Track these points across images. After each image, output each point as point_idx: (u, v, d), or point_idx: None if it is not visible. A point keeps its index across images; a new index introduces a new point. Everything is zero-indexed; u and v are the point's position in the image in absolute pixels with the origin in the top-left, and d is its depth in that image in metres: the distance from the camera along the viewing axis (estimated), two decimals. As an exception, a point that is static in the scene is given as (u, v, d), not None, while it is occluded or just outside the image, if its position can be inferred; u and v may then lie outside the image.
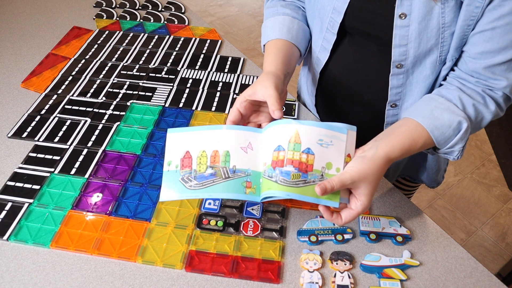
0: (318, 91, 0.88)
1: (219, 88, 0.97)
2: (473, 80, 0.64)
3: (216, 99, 0.94)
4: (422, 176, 0.92)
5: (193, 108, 0.91)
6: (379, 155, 0.59)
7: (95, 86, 0.96)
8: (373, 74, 0.74)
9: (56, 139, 0.83)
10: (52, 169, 0.77)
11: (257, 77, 1.00)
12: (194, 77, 1.00)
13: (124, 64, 1.03)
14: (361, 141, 0.64)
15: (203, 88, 0.97)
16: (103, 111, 0.90)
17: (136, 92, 0.94)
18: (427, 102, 0.65)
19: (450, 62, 0.65)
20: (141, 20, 1.20)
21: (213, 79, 0.99)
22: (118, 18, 1.21)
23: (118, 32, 1.14)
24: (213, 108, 0.91)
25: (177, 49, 1.09)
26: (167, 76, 1.00)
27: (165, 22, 1.19)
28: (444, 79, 0.68)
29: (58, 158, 0.79)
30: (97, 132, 0.85)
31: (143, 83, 0.97)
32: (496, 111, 0.65)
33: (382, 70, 0.70)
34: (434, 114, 0.62)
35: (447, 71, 0.67)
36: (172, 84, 0.97)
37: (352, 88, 0.79)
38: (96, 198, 0.73)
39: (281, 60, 0.71)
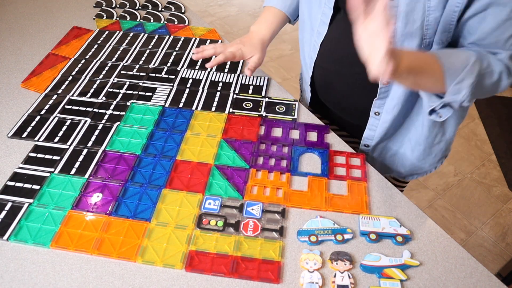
0: (316, 63, 0.91)
1: (219, 88, 0.97)
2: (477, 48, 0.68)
3: (216, 99, 0.94)
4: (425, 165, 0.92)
5: (193, 108, 0.91)
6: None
7: (95, 86, 0.96)
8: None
9: (56, 139, 0.83)
10: (52, 169, 0.77)
11: (257, 77, 1.00)
12: (194, 77, 1.00)
13: (124, 64, 1.03)
14: (351, 114, 0.83)
15: (203, 88, 0.97)
16: (103, 111, 0.90)
17: (136, 92, 0.94)
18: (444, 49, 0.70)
19: (437, 46, 0.69)
20: (141, 20, 1.20)
21: (213, 79, 0.99)
22: (118, 18, 1.21)
23: (118, 32, 1.14)
24: (213, 108, 0.91)
25: (177, 49, 1.09)
26: (167, 76, 1.00)
27: (165, 22, 1.19)
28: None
29: (58, 158, 0.79)
30: (97, 132, 0.85)
31: (143, 83, 0.97)
32: (501, 69, 0.66)
33: None
34: (446, 50, 0.68)
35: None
36: (172, 84, 0.97)
37: (346, 61, 0.83)
38: (96, 198, 0.73)
39: (273, 29, 0.94)
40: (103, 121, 0.87)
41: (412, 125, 0.84)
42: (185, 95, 0.94)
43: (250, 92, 0.96)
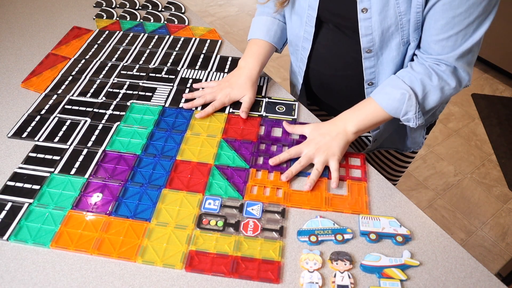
0: (305, 75, 0.97)
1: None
2: (425, 56, 0.75)
3: (216, 99, 0.93)
4: (407, 142, 1.00)
5: (193, 108, 0.91)
6: (337, 117, 0.81)
7: (95, 86, 0.96)
8: (349, 58, 0.85)
9: (56, 139, 0.83)
10: (52, 169, 0.77)
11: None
12: (194, 77, 1.00)
13: (124, 64, 1.03)
14: (339, 104, 0.92)
15: (203, 88, 0.96)
16: (103, 111, 0.90)
17: (136, 92, 0.94)
18: (387, 80, 0.79)
19: (413, 43, 0.75)
20: (141, 20, 1.20)
21: (213, 79, 0.99)
22: (118, 18, 1.21)
23: (118, 32, 1.14)
24: (213, 108, 0.91)
25: (177, 49, 1.09)
26: (167, 76, 1.00)
27: (165, 22, 1.19)
28: (412, 57, 0.79)
29: (58, 158, 0.79)
30: (97, 132, 0.85)
31: (143, 83, 0.97)
32: (441, 84, 0.75)
33: (357, 54, 0.81)
34: (385, 90, 0.78)
35: (413, 50, 0.77)
36: (172, 84, 0.97)
37: (336, 66, 0.89)
38: (96, 198, 0.73)
39: (261, 62, 0.93)
40: (103, 121, 0.87)
41: None
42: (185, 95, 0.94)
43: (250, 92, 0.96)
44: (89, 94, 0.94)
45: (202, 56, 1.06)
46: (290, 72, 1.06)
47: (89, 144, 0.82)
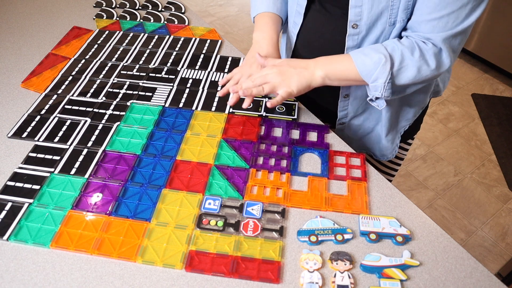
0: (293, 52, 0.95)
1: (219, 88, 0.97)
2: (414, 34, 0.74)
3: (216, 99, 0.94)
4: (375, 150, 1.01)
5: (193, 108, 0.91)
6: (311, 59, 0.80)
7: (95, 86, 0.96)
8: (337, 35, 0.83)
9: (56, 139, 0.83)
10: (52, 169, 0.77)
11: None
12: (194, 77, 1.00)
13: (124, 64, 1.03)
14: (327, 100, 0.90)
15: (203, 88, 0.97)
16: (103, 111, 0.90)
17: (136, 92, 0.94)
18: (368, 45, 0.78)
19: (399, 24, 0.75)
20: (141, 20, 1.20)
21: (213, 79, 0.99)
22: (118, 18, 1.21)
23: (118, 32, 1.14)
24: (213, 108, 0.91)
25: (177, 49, 1.09)
26: (167, 76, 1.00)
27: (165, 22, 1.19)
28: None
29: (58, 158, 0.79)
30: (97, 132, 0.85)
31: (143, 83, 0.97)
32: (419, 62, 0.73)
33: (344, 31, 0.80)
34: (364, 51, 0.75)
35: (398, 32, 0.76)
36: (172, 84, 0.97)
37: (321, 48, 0.87)
38: (96, 198, 0.73)
39: (276, 31, 0.90)
40: (103, 121, 0.87)
41: None
42: (185, 95, 0.94)
43: (250, 92, 0.96)
44: (89, 94, 0.94)
45: (202, 56, 1.06)
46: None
47: (89, 144, 0.82)
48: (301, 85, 0.77)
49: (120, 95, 0.94)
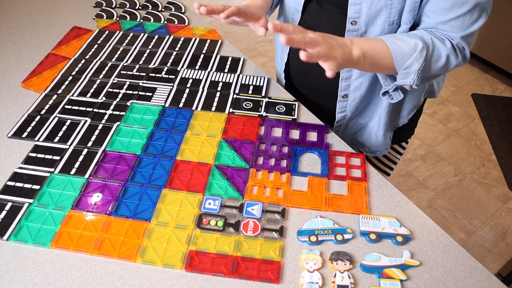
0: (290, 50, 0.95)
1: (219, 88, 0.97)
2: (435, 31, 0.74)
3: (216, 99, 0.94)
4: (372, 142, 0.99)
5: (193, 108, 0.91)
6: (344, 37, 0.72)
7: (95, 86, 0.96)
8: (335, 32, 0.80)
9: (56, 139, 0.83)
10: (52, 169, 0.77)
11: (257, 77, 1.00)
12: (194, 77, 1.00)
13: (124, 64, 1.03)
14: (324, 99, 0.87)
15: (203, 88, 0.97)
16: (103, 111, 0.90)
17: (136, 92, 0.94)
18: (393, 34, 0.76)
19: (405, 25, 0.74)
20: (141, 20, 1.20)
21: (213, 79, 0.99)
22: (118, 18, 1.21)
23: (118, 32, 1.14)
24: (213, 108, 0.91)
25: (177, 49, 1.09)
26: (167, 76, 1.00)
27: (165, 22, 1.19)
28: None
29: (58, 158, 0.79)
30: (97, 132, 0.85)
31: (143, 83, 0.97)
32: (450, 51, 0.73)
33: (342, 29, 0.79)
34: (396, 36, 0.73)
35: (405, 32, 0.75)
36: (172, 84, 0.97)
37: None
38: (96, 198, 0.73)
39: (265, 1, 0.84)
40: (103, 121, 0.87)
41: (380, 100, 0.89)
42: (185, 95, 0.94)
43: (250, 92, 0.96)
44: (89, 94, 0.94)
45: (202, 56, 1.06)
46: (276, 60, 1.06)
47: (89, 144, 0.82)
48: (344, 59, 0.67)
49: (120, 95, 0.94)
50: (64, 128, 0.86)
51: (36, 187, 0.74)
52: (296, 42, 0.60)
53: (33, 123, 0.86)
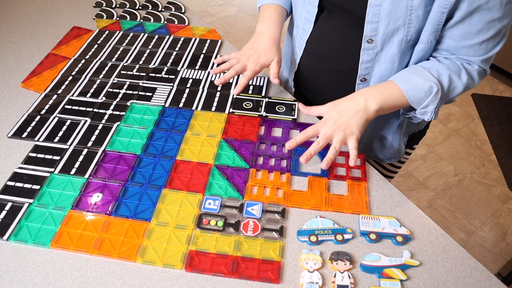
0: (301, 60, 0.94)
1: (219, 88, 0.97)
2: (454, 57, 0.75)
3: (216, 99, 0.94)
4: (386, 152, 1.00)
5: (193, 108, 0.91)
6: (357, 92, 0.77)
7: (95, 86, 0.96)
8: (348, 47, 0.82)
9: (56, 139, 0.83)
10: (52, 169, 0.77)
11: (257, 77, 1.00)
12: (194, 77, 1.00)
13: (124, 64, 1.03)
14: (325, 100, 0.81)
15: (203, 88, 0.97)
16: (103, 111, 0.90)
17: (136, 92, 0.94)
18: (409, 69, 0.76)
19: (426, 44, 0.74)
20: (141, 20, 1.20)
21: (213, 79, 0.99)
22: (118, 18, 1.21)
23: (118, 32, 1.14)
24: (213, 108, 0.91)
25: (177, 49, 1.09)
26: (167, 76, 1.00)
27: (165, 22, 1.19)
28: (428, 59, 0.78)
29: (58, 158, 0.79)
30: (97, 132, 0.85)
31: (143, 83, 0.97)
32: (468, 82, 0.75)
33: (356, 44, 0.79)
34: (410, 79, 0.74)
35: (423, 52, 0.75)
36: (172, 84, 0.97)
37: (330, 58, 0.87)
38: (96, 198, 0.73)
39: (280, 24, 0.91)
40: (103, 121, 0.87)
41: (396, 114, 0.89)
42: (185, 95, 0.94)
43: (250, 92, 0.96)
44: (89, 94, 0.94)
45: (202, 56, 1.06)
46: (282, 64, 1.05)
47: (89, 144, 0.82)
48: (361, 125, 0.73)
49: (120, 95, 0.94)
50: (64, 128, 0.86)
51: (36, 187, 0.74)
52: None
53: (33, 123, 0.86)
